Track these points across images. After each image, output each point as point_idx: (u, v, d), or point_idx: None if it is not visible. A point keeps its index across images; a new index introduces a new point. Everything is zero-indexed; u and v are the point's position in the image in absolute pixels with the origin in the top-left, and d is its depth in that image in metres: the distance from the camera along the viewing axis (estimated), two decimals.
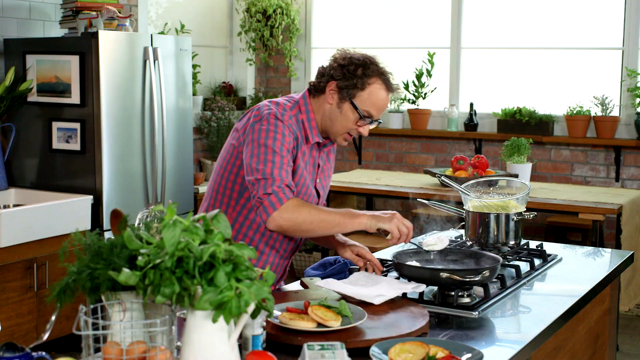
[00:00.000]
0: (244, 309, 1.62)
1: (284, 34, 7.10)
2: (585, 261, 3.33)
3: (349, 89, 2.61)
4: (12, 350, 1.65)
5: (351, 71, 2.61)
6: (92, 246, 1.73)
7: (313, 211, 2.53)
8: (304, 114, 2.68)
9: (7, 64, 4.85)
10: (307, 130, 2.67)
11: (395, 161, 6.90)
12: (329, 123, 2.67)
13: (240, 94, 7.22)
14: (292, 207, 2.50)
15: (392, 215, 2.58)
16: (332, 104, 2.65)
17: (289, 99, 2.72)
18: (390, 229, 2.55)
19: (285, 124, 2.59)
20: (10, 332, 4.17)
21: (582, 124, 6.11)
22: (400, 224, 2.56)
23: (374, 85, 2.62)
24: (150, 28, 6.25)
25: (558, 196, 5.08)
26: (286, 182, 2.52)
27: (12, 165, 4.93)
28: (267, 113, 2.60)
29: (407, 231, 2.58)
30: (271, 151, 2.53)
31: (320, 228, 2.55)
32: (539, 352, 2.46)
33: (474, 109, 6.49)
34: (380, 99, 2.65)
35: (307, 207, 2.53)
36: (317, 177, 2.77)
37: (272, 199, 2.50)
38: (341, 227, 2.56)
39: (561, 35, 6.40)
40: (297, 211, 2.51)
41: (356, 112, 2.63)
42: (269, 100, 2.69)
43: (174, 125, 5.21)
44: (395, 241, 2.58)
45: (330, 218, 2.54)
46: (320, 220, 2.53)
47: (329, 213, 2.56)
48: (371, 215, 2.57)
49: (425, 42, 6.83)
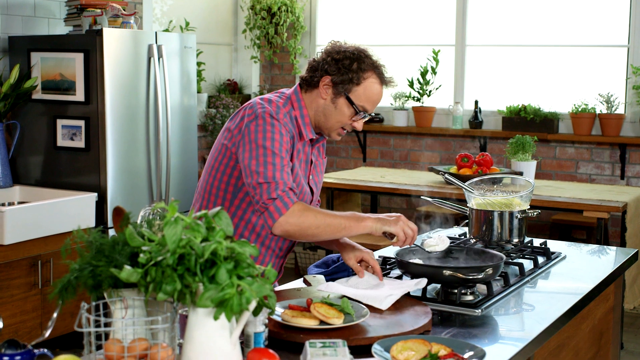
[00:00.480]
0: (245, 306, 1.62)
1: (289, 31, 7.09)
2: (589, 259, 3.32)
3: (344, 84, 2.56)
4: (14, 347, 1.65)
5: (346, 65, 2.55)
6: (94, 243, 1.73)
7: (319, 215, 2.48)
8: (297, 110, 2.61)
9: (12, 62, 4.86)
10: (301, 127, 2.61)
11: (400, 159, 6.89)
12: (322, 118, 2.62)
13: (245, 92, 7.22)
14: (298, 211, 2.46)
15: (397, 218, 2.54)
16: (326, 99, 2.59)
17: (280, 95, 2.65)
18: (395, 232, 2.52)
19: (282, 123, 2.53)
20: (15, 329, 4.18)
21: (587, 121, 6.09)
22: (405, 227, 2.53)
23: (369, 80, 2.58)
24: (155, 25, 6.26)
25: (563, 194, 5.07)
26: (289, 185, 2.47)
27: (16, 163, 4.94)
28: (261, 112, 2.53)
29: (412, 234, 2.54)
30: (270, 152, 2.47)
31: (327, 232, 2.50)
32: (542, 350, 2.46)
33: (478, 107, 6.48)
34: (375, 93, 2.60)
35: (312, 211, 2.49)
36: (310, 173, 2.72)
37: (278, 204, 2.44)
38: (347, 230, 2.51)
39: (566, 32, 6.39)
40: (304, 216, 2.46)
41: (352, 107, 2.57)
42: (259, 97, 2.62)
43: (179, 123, 5.21)
44: (401, 244, 2.54)
45: (337, 222, 2.50)
46: (327, 224, 2.48)
47: (335, 217, 2.51)
48: (376, 219, 2.53)
49: (430, 40, 6.81)
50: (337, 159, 7.15)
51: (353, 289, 2.47)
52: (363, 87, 2.57)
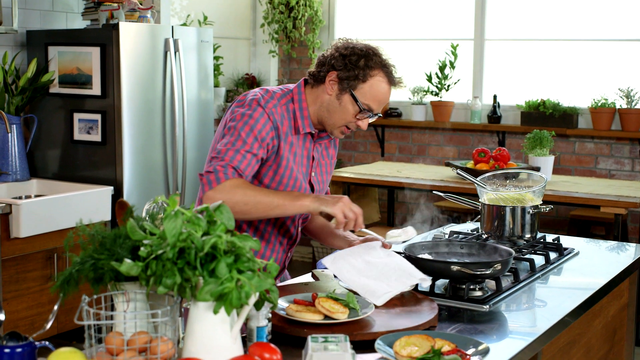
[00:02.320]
0: (245, 300, 1.62)
1: (307, 25, 7.08)
2: (603, 255, 3.29)
3: (349, 80, 2.51)
4: (16, 339, 1.66)
5: (353, 62, 2.50)
6: (96, 237, 1.74)
7: (249, 192, 2.41)
8: (296, 103, 2.58)
9: (29, 56, 4.89)
10: (297, 121, 2.58)
11: (418, 153, 6.87)
12: (326, 114, 2.57)
13: (263, 86, 7.22)
14: (229, 187, 2.41)
15: (338, 198, 2.43)
16: (331, 95, 2.55)
17: (283, 87, 2.64)
18: (333, 213, 2.40)
19: (266, 111, 2.50)
20: (31, 321, 4.21)
21: (606, 116, 6.03)
22: (346, 209, 2.40)
23: (376, 78, 2.52)
24: (174, 20, 6.27)
25: (580, 189, 5.03)
26: (233, 164, 2.43)
27: (34, 156, 4.97)
28: (250, 99, 2.53)
29: (353, 216, 2.41)
30: (237, 134, 2.46)
31: (257, 210, 2.43)
32: (551, 347, 2.44)
33: (497, 101, 6.44)
34: (382, 92, 2.54)
35: (244, 188, 2.42)
36: (313, 170, 2.68)
37: (211, 178, 2.42)
38: (281, 209, 2.43)
39: (586, 26, 6.33)
40: (232, 192, 2.40)
41: (356, 105, 2.52)
42: (261, 87, 2.61)
43: (195, 117, 5.22)
44: (341, 227, 2.43)
45: (268, 200, 2.42)
46: (257, 202, 2.41)
47: (268, 195, 2.44)
48: (315, 198, 2.44)
49: (448, 34, 6.78)
50: (355, 154, 7.14)
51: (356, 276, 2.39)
52: (369, 85, 2.52)
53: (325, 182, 2.77)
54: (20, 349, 1.61)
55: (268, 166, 2.56)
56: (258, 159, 2.50)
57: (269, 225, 2.66)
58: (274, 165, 2.56)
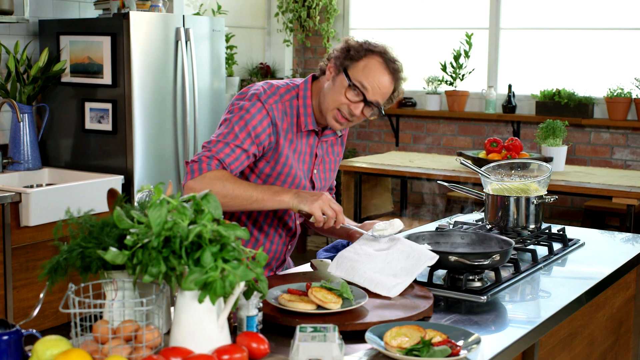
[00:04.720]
0: (229, 289, 1.62)
1: (322, 14, 7.06)
2: (610, 246, 3.25)
3: (345, 60, 2.49)
4: (3, 327, 1.67)
5: (353, 47, 2.50)
6: (84, 225, 1.74)
7: (228, 185, 2.40)
8: (301, 99, 2.57)
9: (41, 45, 4.91)
10: (300, 117, 2.56)
11: (433, 143, 6.83)
12: (322, 99, 2.54)
13: (278, 75, 7.21)
14: (209, 178, 2.40)
15: (317, 196, 2.40)
16: (329, 80, 2.53)
17: (290, 82, 2.62)
18: (311, 211, 2.39)
19: (265, 107, 2.49)
20: (41, 309, 4.23)
21: (622, 106, 5.97)
22: (325, 207, 2.39)
23: (372, 60, 2.49)
24: (189, 9, 6.27)
25: (593, 180, 4.98)
26: (219, 157, 2.42)
27: (46, 145, 5.00)
28: (252, 93, 2.53)
29: (333, 214, 2.40)
30: (230, 127, 2.46)
31: (235, 203, 2.41)
32: (551, 338, 2.42)
33: (512, 91, 6.39)
34: (376, 72, 2.48)
35: (224, 180, 2.40)
36: (315, 167, 2.67)
37: (194, 167, 2.42)
38: (259, 203, 2.42)
39: (602, 15, 6.26)
40: (212, 183, 2.38)
41: (346, 80, 2.48)
42: (266, 81, 2.60)
43: (207, 106, 5.23)
44: (320, 224, 2.42)
45: (247, 194, 2.40)
46: (235, 195, 2.39)
47: (247, 189, 2.42)
48: (295, 194, 2.42)
49: (463, 23, 6.73)
50: (370, 143, 7.12)
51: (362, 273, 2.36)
52: (363, 64, 2.49)
53: (329, 179, 2.76)
54: (7, 337, 1.62)
55: (266, 161, 2.56)
56: (249, 154, 2.49)
57: (268, 218, 2.66)
58: (272, 161, 2.56)
